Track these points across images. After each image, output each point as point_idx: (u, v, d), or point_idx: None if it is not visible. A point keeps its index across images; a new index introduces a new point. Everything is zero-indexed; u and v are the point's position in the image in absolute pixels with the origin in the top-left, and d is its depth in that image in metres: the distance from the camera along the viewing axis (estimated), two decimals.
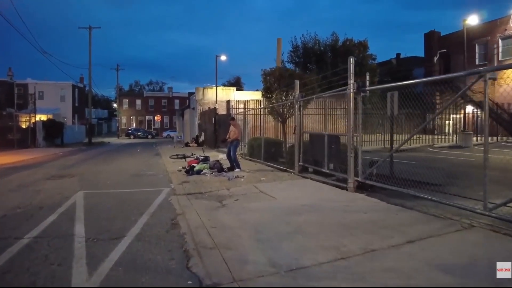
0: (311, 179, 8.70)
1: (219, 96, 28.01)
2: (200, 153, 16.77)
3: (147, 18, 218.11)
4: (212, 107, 25.95)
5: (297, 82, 9.56)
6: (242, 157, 15.19)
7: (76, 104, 45.90)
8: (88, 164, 14.81)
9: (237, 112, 18.56)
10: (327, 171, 8.32)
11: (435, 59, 37.49)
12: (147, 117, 65.77)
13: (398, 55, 57.18)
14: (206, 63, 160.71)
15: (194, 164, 11.15)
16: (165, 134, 56.99)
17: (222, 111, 24.62)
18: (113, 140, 44.86)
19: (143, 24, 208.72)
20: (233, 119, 11.42)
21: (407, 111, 7.21)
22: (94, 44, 35.11)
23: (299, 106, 9.49)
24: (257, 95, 23.87)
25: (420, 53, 43.96)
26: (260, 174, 9.78)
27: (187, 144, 27.57)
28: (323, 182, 8.11)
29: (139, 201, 6.81)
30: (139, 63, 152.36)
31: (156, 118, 56.57)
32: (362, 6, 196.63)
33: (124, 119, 64.20)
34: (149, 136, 54.30)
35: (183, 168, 11.63)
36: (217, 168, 10.55)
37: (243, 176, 9.40)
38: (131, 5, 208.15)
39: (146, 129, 60.03)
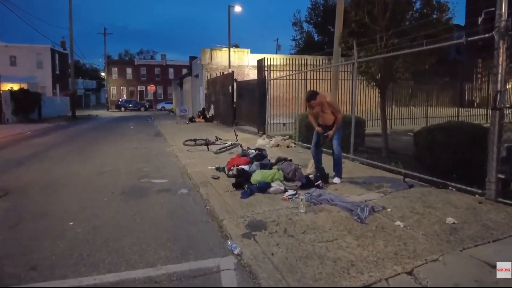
0: None
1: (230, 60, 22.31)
2: (225, 136, 11.47)
3: None
4: (224, 72, 20.34)
5: None
6: (293, 143, 9.91)
7: (57, 72, 39.31)
8: (54, 156, 9.30)
9: (275, 76, 13.01)
10: None
11: (480, 19, 32.00)
12: (138, 88, 59.10)
13: None
14: (196, 34, 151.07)
15: (244, 167, 5.83)
16: (159, 106, 51.33)
17: (238, 77, 19.07)
18: (102, 113, 38.86)
19: None
20: (314, 95, 5.42)
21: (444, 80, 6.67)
22: (78, 11, 28.40)
23: (507, 46, 4.19)
24: (277, 57, 18.39)
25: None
26: (409, 200, 4.50)
27: (192, 119, 22.08)
28: None
29: None
30: (127, 33, 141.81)
31: (149, 88, 50.05)
32: None
33: (113, 90, 57.60)
34: (142, 109, 48.40)
35: (218, 170, 6.36)
36: (300, 178, 5.22)
37: (384, 209, 4.15)
38: None
39: (138, 100, 53.73)
